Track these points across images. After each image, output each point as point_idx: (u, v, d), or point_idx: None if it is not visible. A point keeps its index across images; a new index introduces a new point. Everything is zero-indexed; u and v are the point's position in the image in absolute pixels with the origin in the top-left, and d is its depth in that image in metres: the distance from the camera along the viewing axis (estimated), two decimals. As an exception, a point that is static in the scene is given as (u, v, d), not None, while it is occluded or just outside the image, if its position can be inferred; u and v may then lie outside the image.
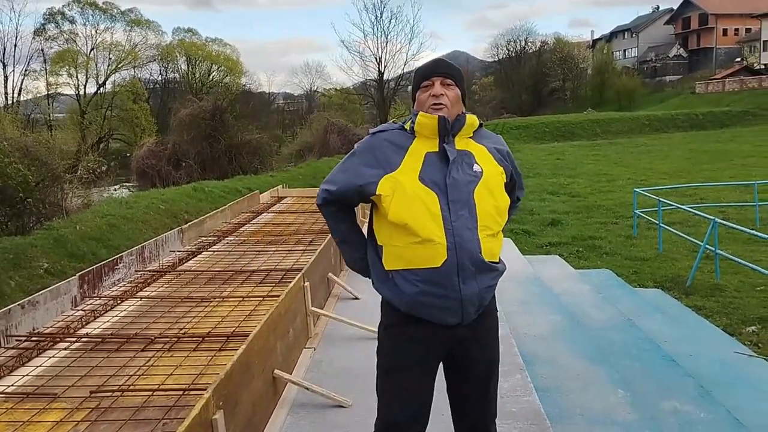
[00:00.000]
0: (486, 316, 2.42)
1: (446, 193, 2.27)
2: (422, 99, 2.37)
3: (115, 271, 5.41)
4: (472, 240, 2.27)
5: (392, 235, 2.32)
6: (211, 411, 2.60)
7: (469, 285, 2.28)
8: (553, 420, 3.61)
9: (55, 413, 3.08)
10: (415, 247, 2.26)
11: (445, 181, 2.28)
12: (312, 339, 4.61)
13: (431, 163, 2.30)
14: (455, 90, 2.39)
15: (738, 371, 5.46)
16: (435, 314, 2.30)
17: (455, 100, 2.38)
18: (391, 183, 2.29)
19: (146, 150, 26.63)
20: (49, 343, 4.01)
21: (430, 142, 2.34)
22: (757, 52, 60.78)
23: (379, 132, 2.43)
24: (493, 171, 2.38)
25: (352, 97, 50.31)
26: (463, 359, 2.42)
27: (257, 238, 7.24)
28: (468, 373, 2.44)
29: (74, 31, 57.41)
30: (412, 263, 2.28)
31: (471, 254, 2.26)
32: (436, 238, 2.24)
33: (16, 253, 9.93)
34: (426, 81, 2.37)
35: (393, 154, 2.33)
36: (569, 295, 6.84)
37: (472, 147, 2.39)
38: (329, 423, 3.41)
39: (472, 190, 2.30)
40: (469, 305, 2.30)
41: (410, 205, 2.25)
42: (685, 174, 21.90)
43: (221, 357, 3.68)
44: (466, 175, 2.31)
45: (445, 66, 2.42)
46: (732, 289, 8.92)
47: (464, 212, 2.27)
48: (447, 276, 2.25)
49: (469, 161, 2.34)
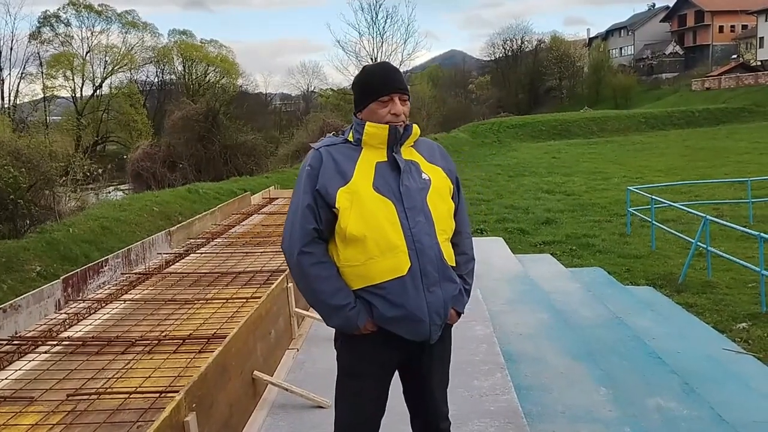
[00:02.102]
0: (445, 339, 2.45)
1: (401, 201, 2.27)
2: (381, 114, 2.32)
3: (101, 274, 5.40)
4: (432, 245, 2.28)
5: (348, 254, 2.28)
6: (183, 413, 2.59)
7: (434, 293, 2.28)
8: (535, 418, 3.62)
9: (31, 416, 3.08)
10: (375, 262, 2.24)
11: (399, 189, 2.28)
12: (295, 340, 4.60)
13: (383, 172, 2.30)
14: (408, 105, 2.39)
15: (725, 368, 5.46)
16: (403, 328, 2.28)
17: (408, 114, 2.39)
18: (347, 195, 2.25)
19: (141, 152, 26.59)
20: (30, 346, 4.00)
21: (378, 152, 2.33)
22: (754, 48, 60.85)
23: (324, 146, 2.37)
24: (438, 176, 2.40)
25: (348, 97, 50.24)
26: (418, 369, 2.45)
27: (246, 239, 7.23)
28: (423, 381, 2.47)
29: (70, 33, 57.41)
30: (374, 279, 2.26)
31: (432, 260, 2.27)
32: (399, 246, 2.24)
33: (8, 257, 9.92)
34: (385, 96, 2.33)
35: (343, 166, 2.30)
36: (559, 294, 6.83)
37: (415, 156, 2.40)
38: (308, 423, 3.41)
39: (425, 197, 2.32)
40: (435, 316, 2.29)
41: (369, 216, 2.24)
42: (681, 171, 21.93)
43: (200, 359, 3.66)
44: (417, 183, 2.32)
45: (402, 81, 2.39)
46: (723, 286, 8.94)
47: (421, 218, 2.28)
48: (413, 284, 2.24)
49: (417, 169, 2.36)
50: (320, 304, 2.33)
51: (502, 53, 75.96)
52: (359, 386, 2.38)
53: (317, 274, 2.27)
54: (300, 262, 2.28)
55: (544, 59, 71.29)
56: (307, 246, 2.27)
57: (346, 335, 2.36)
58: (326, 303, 2.29)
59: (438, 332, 2.33)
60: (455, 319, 2.44)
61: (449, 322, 2.42)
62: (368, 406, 2.40)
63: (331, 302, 2.27)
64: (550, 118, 44.83)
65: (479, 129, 40.57)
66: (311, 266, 2.27)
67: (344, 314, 2.26)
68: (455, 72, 77.59)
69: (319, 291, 2.29)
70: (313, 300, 2.36)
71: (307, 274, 2.29)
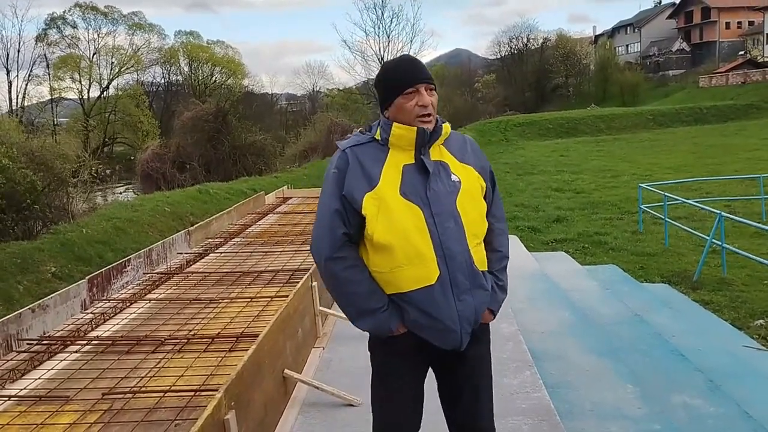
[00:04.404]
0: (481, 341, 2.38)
1: (429, 206, 2.19)
2: (408, 108, 2.23)
3: (124, 274, 5.44)
4: (462, 252, 2.21)
5: (376, 260, 2.23)
6: (224, 411, 2.62)
7: (464, 301, 2.22)
8: (564, 415, 3.62)
9: (68, 416, 3.10)
10: (402, 270, 2.19)
11: (427, 194, 2.20)
12: (320, 338, 4.62)
13: (410, 175, 2.22)
14: (435, 95, 2.30)
15: (747, 365, 5.45)
16: (433, 337, 2.25)
17: (436, 105, 2.30)
18: (374, 201, 2.19)
19: (150, 153, 26.68)
20: (59, 346, 4.03)
21: (406, 154, 2.25)
22: (761, 44, 60.60)
23: (351, 146, 2.30)
24: (469, 176, 2.31)
25: (354, 96, 50.34)
26: (451, 374, 2.39)
27: (264, 239, 7.26)
28: (457, 386, 2.40)
29: (76, 35, 57.66)
30: (402, 287, 2.21)
31: (462, 267, 2.21)
32: (427, 254, 2.17)
33: (23, 258, 9.99)
34: (410, 88, 2.24)
35: (369, 169, 2.23)
36: (576, 291, 6.84)
37: (445, 156, 2.31)
38: (340, 422, 3.43)
39: (454, 200, 2.23)
40: (467, 325, 2.24)
41: (396, 224, 2.17)
42: (690, 168, 21.85)
43: (231, 357, 3.69)
44: (446, 186, 2.24)
45: (426, 72, 2.29)
46: (739, 283, 8.91)
47: (450, 224, 2.20)
48: (442, 292, 2.19)
49: (446, 171, 2.27)
50: (352, 307, 2.28)
51: (507, 51, 75.88)
52: (392, 387, 2.35)
53: (350, 278, 2.24)
54: (331, 267, 2.24)
55: (550, 57, 71.10)
56: (338, 251, 2.23)
57: (379, 338, 2.33)
58: (359, 306, 2.26)
59: (469, 339, 2.27)
60: (489, 318, 2.38)
61: (484, 322, 2.37)
62: (402, 407, 2.36)
63: (363, 306, 2.24)
64: (557, 116, 44.74)
65: (486, 128, 40.52)
66: (343, 270, 2.23)
67: (376, 317, 2.24)
68: (461, 71, 77.57)
69: (351, 294, 2.26)
70: (345, 303, 2.31)
71: (339, 278, 2.25)
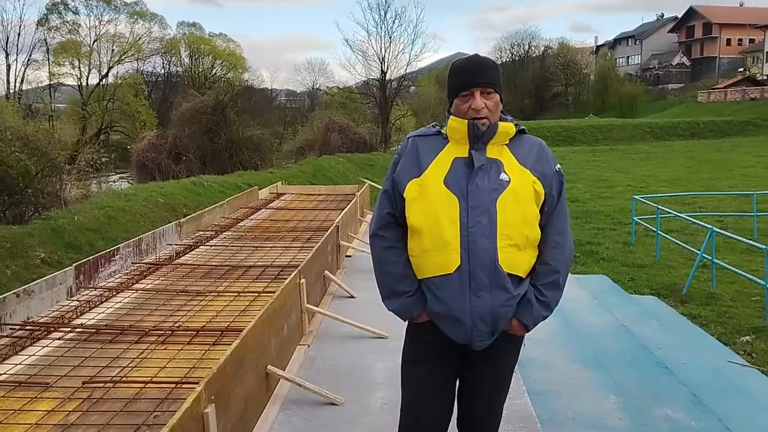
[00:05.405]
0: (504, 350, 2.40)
1: (467, 199, 2.23)
2: (462, 109, 2.31)
3: (112, 263, 5.41)
4: (487, 249, 2.21)
5: (411, 244, 2.33)
6: (203, 404, 2.60)
7: (481, 297, 2.22)
8: (545, 423, 3.61)
9: (47, 402, 3.08)
10: (428, 255, 2.27)
11: (467, 187, 2.25)
12: (306, 336, 4.60)
13: (458, 168, 2.28)
14: (495, 97, 2.33)
15: (731, 381, 5.46)
16: (445, 326, 2.29)
17: (495, 108, 2.33)
18: (417, 187, 2.29)
19: (147, 143, 26.54)
20: (43, 332, 4.01)
21: (461, 148, 2.31)
22: (760, 62, 60.87)
23: (414, 136, 2.42)
24: (524, 179, 2.30)
25: (354, 95, 50.28)
26: (468, 373, 2.45)
27: (255, 234, 7.24)
28: (471, 387, 2.47)
29: (77, 21, 57.36)
30: (425, 272, 2.30)
31: (484, 263, 2.21)
32: (451, 243, 2.22)
33: (13, 242, 9.92)
34: (465, 91, 2.30)
35: (423, 157, 2.33)
36: (565, 300, 6.73)
37: (505, 155, 2.32)
38: (321, 420, 3.41)
39: (496, 198, 2.24)
40: (480, 322, 2.24)
41: (430, 210, 2.25)
42: (685, 182, 21.93)
43: (215, 351, 3.67)
44: (491, 183, 2.25)
45: (486, 75, 2.31)
46: (727, 299, 8.94)
47: (483, 219, 2.22)
48: (459, 284, 2.22)
49: (497, 169, 2.28)
50: (385, 286, 2.42)
51: (509, 57, 76.00)
52: (414, 373, 2.43)
53: (387, 258, 2.38)
54: (373, 243, 2.42)
55: (551, 65, 71.32)
56: (381, 230, 2.39)
57: (411, 324, 2.43)
58: (389, 287, 2.39)
59: (485, 339, 2.27)
60: (518, 330, 2.33)
61: (511, 332, 2.33)
62: (426, 394, 2.40)
63: (394, 287, 2.37)
64: (555, 124, 44.85)
65: (484, 133, 40.51)
66: (382, 249, 2.39)
67: (402, 300, 2.35)
68: (461, 74, 77.48)
69: (385, 273, 2.39)
70: (379, 281, 2.44)
71: (377, 256, 2.42)
